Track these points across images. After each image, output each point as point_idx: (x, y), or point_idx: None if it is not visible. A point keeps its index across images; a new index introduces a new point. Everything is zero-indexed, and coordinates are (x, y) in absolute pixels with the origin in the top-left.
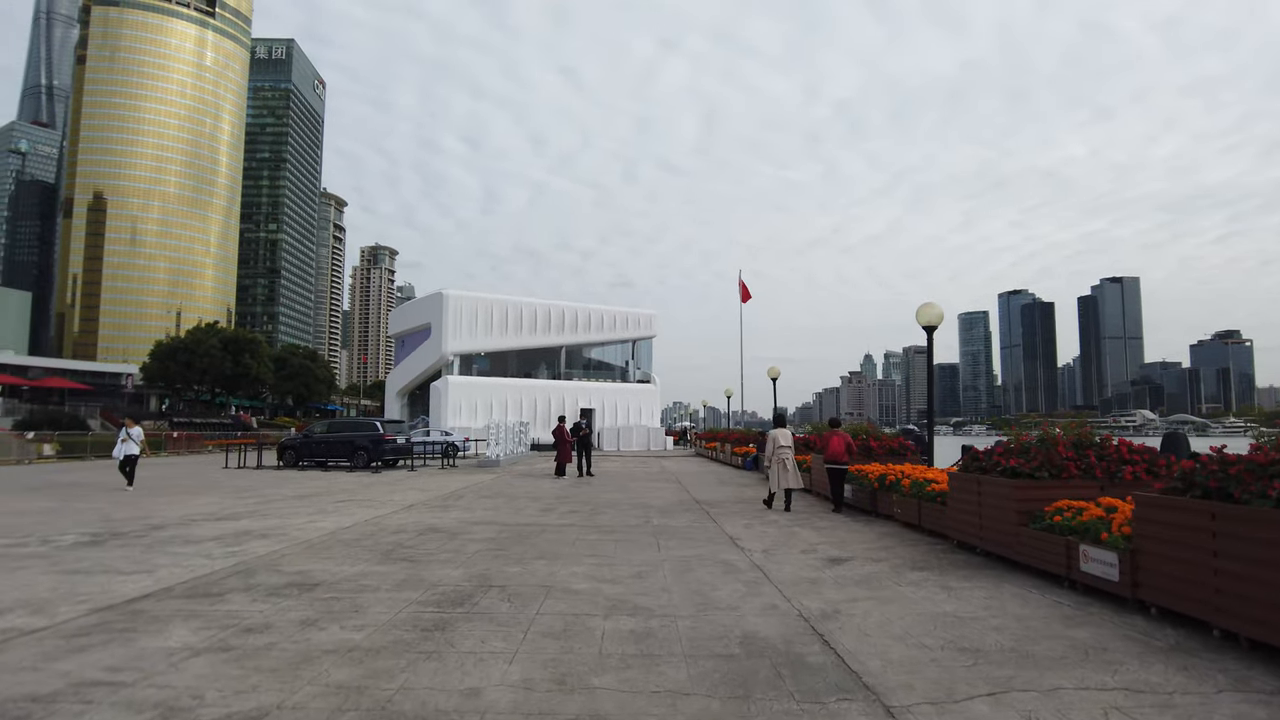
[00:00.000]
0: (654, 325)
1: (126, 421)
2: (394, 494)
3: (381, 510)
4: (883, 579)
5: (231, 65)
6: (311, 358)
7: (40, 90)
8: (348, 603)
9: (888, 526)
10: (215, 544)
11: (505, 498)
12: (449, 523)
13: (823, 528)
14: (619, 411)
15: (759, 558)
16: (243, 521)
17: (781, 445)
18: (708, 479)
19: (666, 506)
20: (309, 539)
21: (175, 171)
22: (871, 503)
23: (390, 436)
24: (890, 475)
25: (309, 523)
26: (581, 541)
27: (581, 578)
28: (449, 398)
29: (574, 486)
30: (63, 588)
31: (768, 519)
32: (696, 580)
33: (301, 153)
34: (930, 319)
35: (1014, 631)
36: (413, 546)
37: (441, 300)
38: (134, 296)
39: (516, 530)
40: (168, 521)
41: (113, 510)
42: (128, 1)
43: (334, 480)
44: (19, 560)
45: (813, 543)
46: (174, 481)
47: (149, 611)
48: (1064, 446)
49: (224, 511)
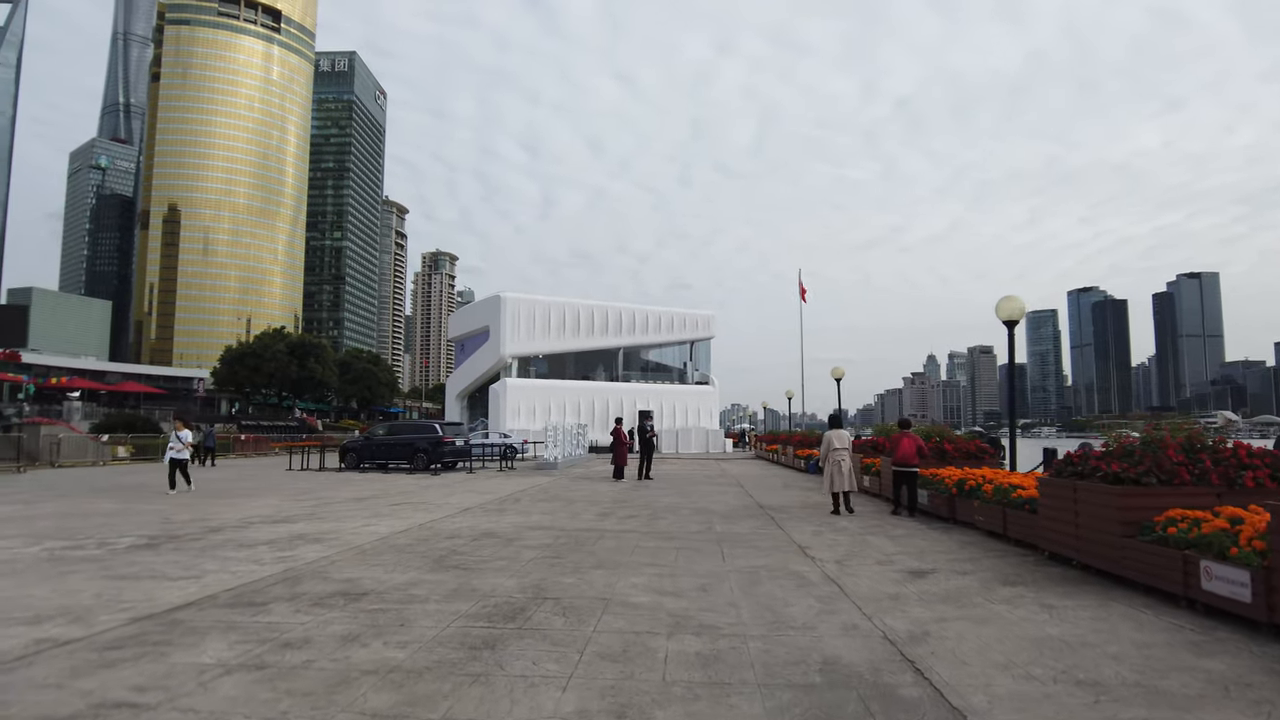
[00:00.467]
0: (712, 326)
1: (177, 425)
2: (451, 497)
3: (437, 514)
4: (972, 595)
5: (296, 79)
6: (374, 362)
7: (119, 108)
8: (394, 615)
9: (968, 535)
10: (268, 549)
11: (562, 501)
12: (504, 528)
13: (898, 536)
14: (677, 413)
15: (832, 569)
16: (298, 525)
17: (837, 447)
18: (770, 482)
19: (729, 512)
20: (361, 544)
21: (244, 183)
22: (949, 509)
23: (449, 439)
24: (970, 480)
25: (363, 526)
26: (641, 549)
27: (642, 590)
28: (507, 400)
29: (632, 490)
30: (108, 594)
31: (837, 526)
32: (766, 594)
33: (364, 162)
34: (1011, 313)
35: (1135, 661)
36: (466, 553)
37: (499, 303)
38: (206, 304)
39: (573, 536)
40: (225, 524)
41: (174, 512)
42: (198, 20)
43: (393, 483)
44: (72, 564)
45: (889, 552)
46: (237, 483)
47: (188, 622)
48: (1174, 449)
49: (281, 514)
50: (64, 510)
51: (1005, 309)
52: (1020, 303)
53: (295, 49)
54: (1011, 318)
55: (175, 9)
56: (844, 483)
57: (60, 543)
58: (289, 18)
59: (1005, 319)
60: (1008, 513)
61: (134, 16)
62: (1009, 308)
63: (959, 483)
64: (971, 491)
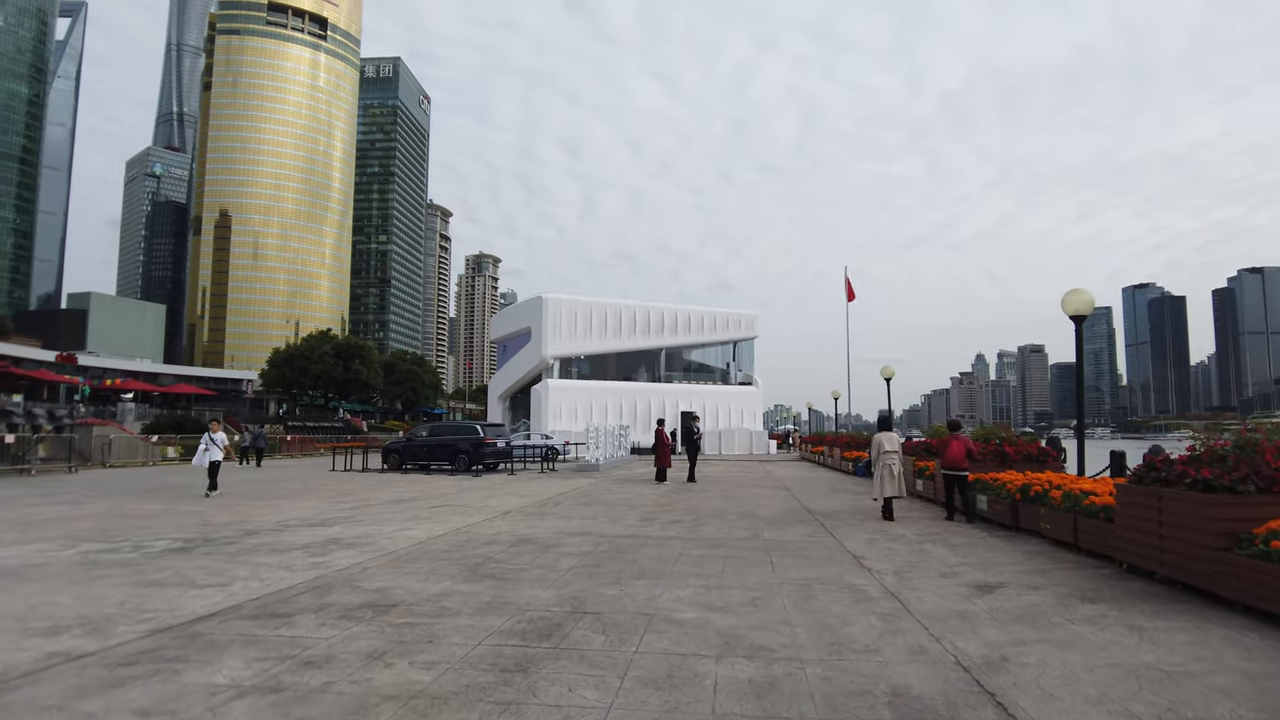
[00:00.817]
0: (755, 326)
1: (211, 425)
2: (490, 499)
3: (475, 518)
4: (1049, 614)
5: (342, 85)
6: (419, 363)
7: (172, 117)
8: (422, 631)
9: (1034, 544)
10: (301, 554)
11: (603, 505)
12: (543, 533)
13: (959, 545)
14: (720, 414)
15: (891, 582)
16: (335, 528)
17: (887, 450)
18: (818, 485)
19: (776, 517)
20: (396, 550)
21: (293, 189)
22: (1011, 516)
23: (490, 440)
24: (1036, 485)
25: (400, 530)
26: (685, 558)
27: (687, 604)
28: (549, 401)
29: (675, 493)
30: (131, 602)
31: (893, 534)
32: (822, 610)
33: (408, 166)
34: (1078, 307)
35: (1251, 698)
36: (502, 561)
37: (541, 304)
38: (256, 307)
39: (614, 543)
40: (262, 527)
41: (214, 514)
42: (248, 30)
43: (433, 484)
44: (103, 569)
45: (951, 564)
46: (280, 484)
47: (208, 635)
48: (1272, 454)
49: (318, 517)
50: (107, 511)
51: (1072, 303)
52: (1088, 296)
53: (341, 56)
54: (1079, 312)
55: (226, 19)
56: (895, 487)
57: (96, 545)
58: (335, 25)
59: (1072, 314)
60: (1079, 521)
61: (187, 28)
62: (1076, 301)
63: (1023, 488)
64: (1038, 498)
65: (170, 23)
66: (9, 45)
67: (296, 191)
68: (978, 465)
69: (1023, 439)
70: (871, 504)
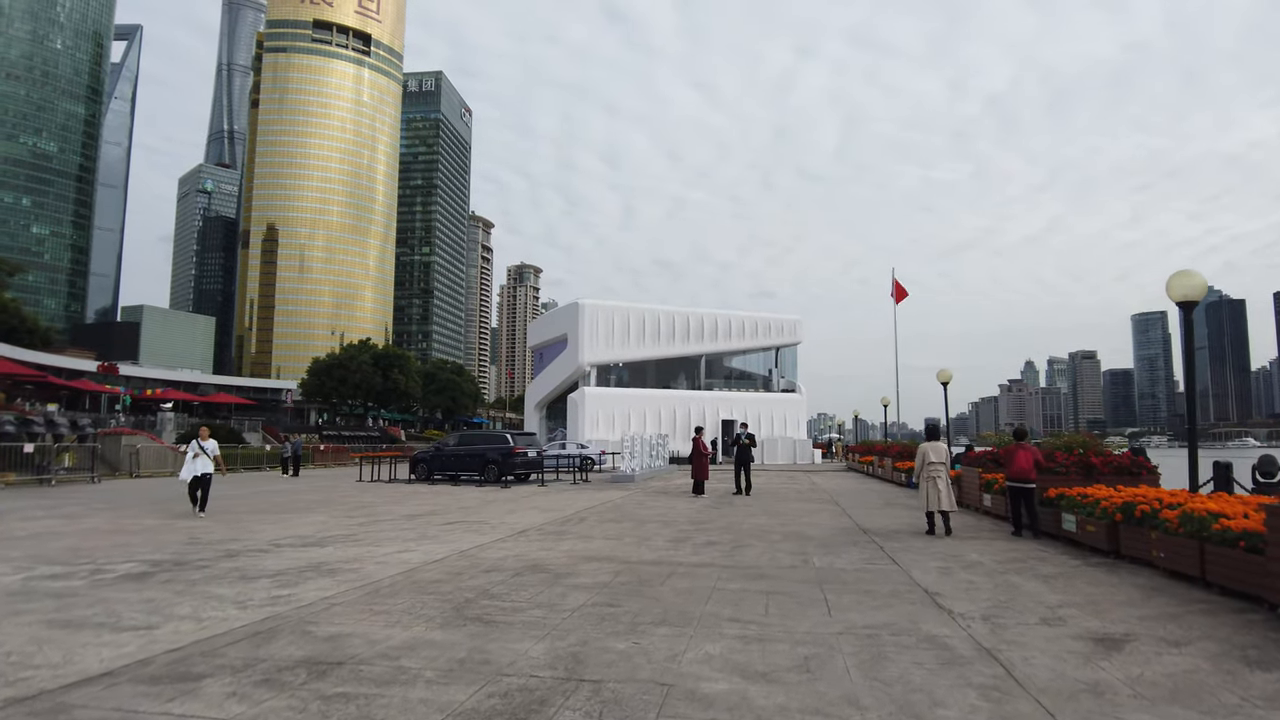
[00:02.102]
0: (799, 331)
1: (200, 431)
2: (511, 514)
3: (486, 537)
4: (1215, 689)
5: (386, 100)
6: (458, 372)
7: (223, 135)
8: (358, 709)
9: (1144, 575)
10: (270, 583)
11: (633, 522)
12: (557, 558)
13: (1052, 576)
14: (762, 423)
15: (982, 632)
16: (327, 549)
17: (933, 461)
18: (869, 499)
19: (828, 538)
20: (379, 579)
21: (338, 202)
22: (1109, 540)
23: (521, 450)
24: (1142, 503)
25: (397, 553)
26: (720, 594)
27: (718, 667)
28: (586, 409)
29: (714, 508)
30: (24, 651)
31: (967, 559)
32: (899, 680)
33: (451, 178)
34: (1187, 292)
35: None
36: (498, 597)
37: (577, 310)
38: (302, 319)
39: (636, 572)
40: (249, 547)
41: (208, 531)
42: (294, 48)
43: (458, 496)
44: (33, 601)
45: (1050, 603)
46: (301, 495)
47: (74, 710)
48: None
49: (319, 535)
50: (99, 526)
51: (1179, 287)
52: (1199, 280)
53: (385, 71)
54: (1187, 297)
55: (273, 38)
56: (941, 501)
57: (51, 569)
58: (379, 41)
59: (1179, 299)
60: (1207, 549)
61: (237, 48)
62: (1184, 285)
63: (1125, 506)
64: (1146, 519)
65: (221, 43)
66: (67, 68)
67: (341, 205)
68: (1061, 479)
69: (1111, 450)
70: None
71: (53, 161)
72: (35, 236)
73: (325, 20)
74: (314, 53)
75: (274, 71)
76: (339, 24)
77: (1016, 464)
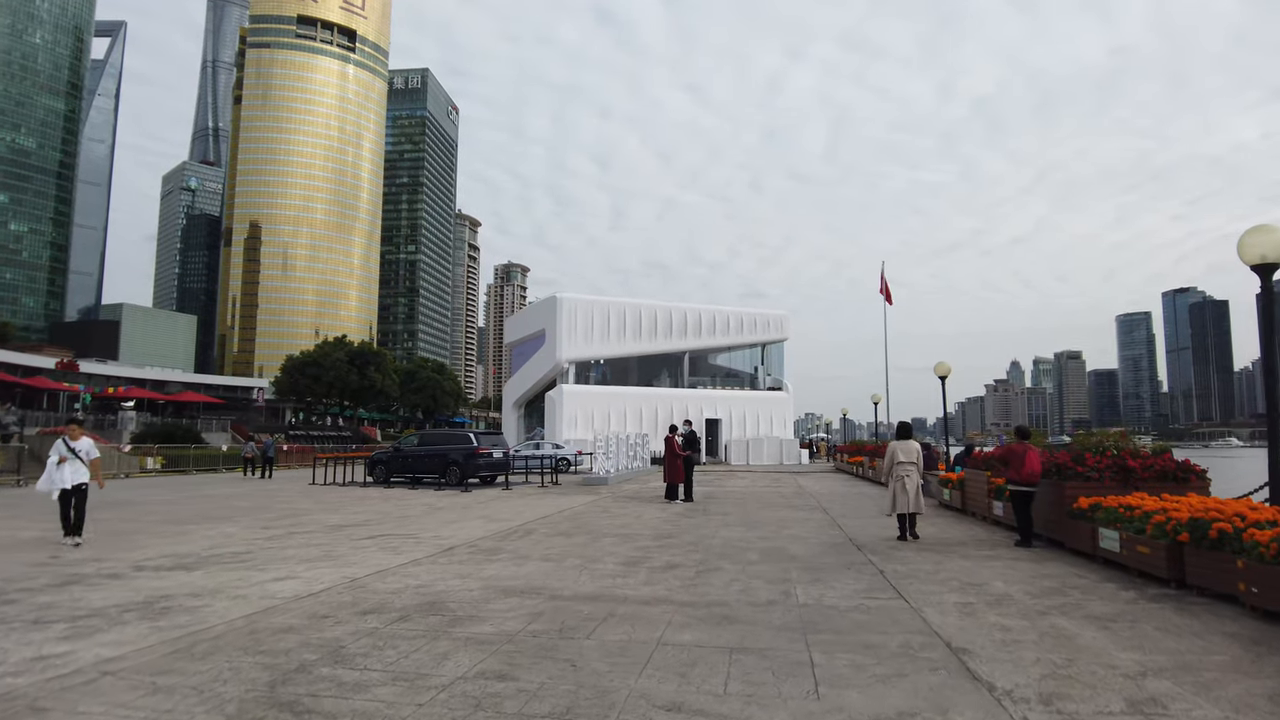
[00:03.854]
0: (786, 327)
1: (70, 430)
2: (449, 526)
3: (402, 557)
4: None
5: (371, 96)
6: (439, 370)
7: (208, 132)
8: None
9: (1229, 616)
10: (65, 628)
11: (586, 536)
12: (469, 590)
13: (1109, 618)
14: (748, 422)
15: None
16: (195, 574)
17: (901, 460)
18: (861, 505)
19: (815, 556)
20: (211, 625)
21: (322, 200)
22: (1171, 566)
23: (485, 450)
24: (1218, 520)
25: (272, 581)
26: (665, 652)
27: None
28: (564, 408)
29: (685, 517)
30: None
31: (991, 589)
32: None
33: (437, 177)
34: (1266, 251)
35: None
36: (347, 661)
37: (555, 305)
38: (286, 317)
39: (562, 616)
40: (101, 571)
41: (80, 551)
42: (278, 44)
43: (406, 502)
44: None
45: (1125, 668)
46: (229, 502)
47: None
48: None
49: (204, 553)
50: None
51: (1253, 245)
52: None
53: (370, 68)
54: (1266, 259)
55: (256, 33)
56: (910, 503)
57: None
58: (364, 38)
59: (1254, 263)
60: None
61: (222, 45)
62: (1261, 242)
63: (1193, 524)
64: (1225, 541)
65: (206, 40)
66: (46, 63)
67: (325, 202)
68: (1094, 487)
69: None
70: (935, 531)
71: (31, 157)
72: (13, 234)
73: (309, 16)
74: (298, 48)
75: (257, 67)
76: (323, 19)
77: (1029, 465)
